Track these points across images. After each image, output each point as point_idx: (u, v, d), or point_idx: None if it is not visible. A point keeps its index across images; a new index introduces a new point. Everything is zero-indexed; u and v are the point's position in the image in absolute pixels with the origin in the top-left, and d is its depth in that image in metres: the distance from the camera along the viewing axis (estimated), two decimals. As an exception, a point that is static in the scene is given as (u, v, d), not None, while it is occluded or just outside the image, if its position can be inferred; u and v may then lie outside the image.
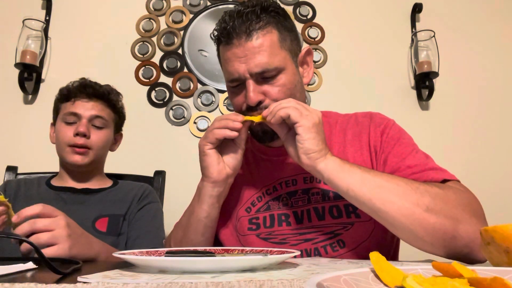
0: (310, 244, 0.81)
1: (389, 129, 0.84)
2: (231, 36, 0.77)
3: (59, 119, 1.10)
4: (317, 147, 0.69)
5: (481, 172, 1.81)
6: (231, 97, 0.85)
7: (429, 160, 0.79)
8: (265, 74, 0.77)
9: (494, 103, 1.92)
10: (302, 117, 0.69)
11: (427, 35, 1.88)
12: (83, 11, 1.90)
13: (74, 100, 1.08)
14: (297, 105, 0.71)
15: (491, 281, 0.31)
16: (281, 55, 0.79)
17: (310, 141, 0.69)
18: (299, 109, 0.70)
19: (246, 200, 0.89)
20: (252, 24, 0.77)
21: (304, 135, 0.69)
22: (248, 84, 0.77)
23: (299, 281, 0.42)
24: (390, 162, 0.79)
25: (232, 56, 0.78)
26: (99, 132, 1.09)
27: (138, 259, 0.52)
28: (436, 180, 0.72)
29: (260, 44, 0.77)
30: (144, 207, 1.11)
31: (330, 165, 0.69)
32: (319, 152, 0.70)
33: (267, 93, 0.78)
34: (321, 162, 0.70)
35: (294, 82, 0.81)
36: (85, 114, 1.07)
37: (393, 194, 0.65)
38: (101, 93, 1.11)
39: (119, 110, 1.17)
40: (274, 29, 0.79)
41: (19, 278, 0.46)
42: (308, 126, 0.69)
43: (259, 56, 0.76)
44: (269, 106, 0.75)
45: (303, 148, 0.70)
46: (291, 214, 0.83)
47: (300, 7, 1.96)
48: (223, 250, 0.67)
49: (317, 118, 0.71)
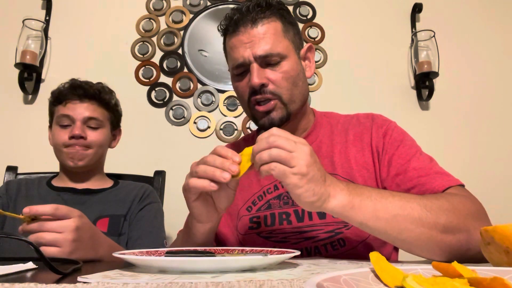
0: (311, 243, 0.81)
1: (391, 130, 0.85)
2: (238, 24, 0.82)
3: (54, 122, 1.09)
4: (315, 196, 0.60)
5: (481, 172, 1.81)
6: (235, 85, 0.87)
7: (433, 163, 0.79)
8: (269, 59, 0.80)
9: (494, 103, 1.92)
10: (286, 175, 0.58)
11: (427, 35, 1.88)
12: (83, 11, 1.90)
13: (66, 103, 1.07)
14: (278, 155, 0.58)
15: (491, 281, 0.31)
16: (284, 43, 0.83)
17: (303, 196, 0.59)
18: (282, 160, 0.58)
19: (247, 199, 0.89)
20: (257, 14, 0.82)
21: (295, 193, 0.60)
22: (252, 67, 0.80)
23: (299, 281, 0.42)
24: (395, 164, 0.80)
25: (237, 43, 0.82)
26: (94, 133, 1.08)
27: (138, 259, 0.52)
28: (441, 186, 0.73)
29: (265, 31, 0.81)
30: (145, 207, 1.11)
31: (339, 206, 0.62)
32: (319, 200, 0.60)
33: (271, 78, 0.81)
34: (327, 206, 0.62)
35: (297, 71, 0.84)
36: (78, 117, 1.06)
37: (409, 222, 0.62)
38: (91, 93, 1.09)
39: (113, 108, 1.16)
40: (278, 20, 0.84)
41: (19, 278, 0.46)
42: (295, 183, 0.58)
43: (263, 41, 0.80)
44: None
45: (301, 203, 0.61)
46: (292, 213, 0.84)
47: (300, 7, 1.97)
48: (223, 250, 0.67)
49: (304, 164, 0.58)
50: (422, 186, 0.75)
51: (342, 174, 0.84)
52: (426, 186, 0.74)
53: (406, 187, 0.77)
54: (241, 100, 0.87)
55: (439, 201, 0.66)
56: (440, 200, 0.66)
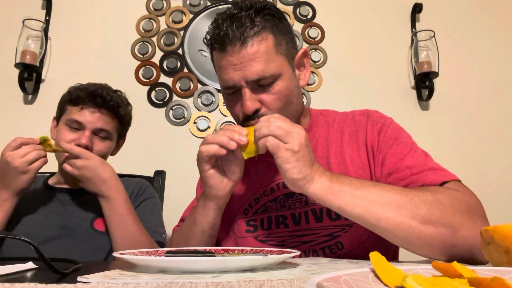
0: (308, 246, 0.80)
1: (386, 127, 0.83)
2: (225, 43, 0.75)
3: (63, 122, 1.06)
4: (300, 174, 0.65)
5: (481, 172, 1.82)
6: (228, 105, 0.84)
7: (428, 159, 0.77)
8: (261, 81, 0.76)
9: (494, 103, 1.92)
10: (279, 148, 0.64)
11: (427, 35, 1.88)
12: (83, 11, 1.90)
13: (81, 107, 1.04)
14: (276, 130, 0.65)
15: (491, 281, 0.31)
16: (277, 61, 0.77)
17: (290, 172, 0.65)
18: (278, 135, 0.65)
19: (243, 201, 0.88)
20: (246, 30, 0.74)
21: (283, 167, 0.65)
22: (244, 92, 0.76)
23: (299, 281, 0.42)
24: (388, 163, 0.78)
25: (226, 64, 0.76)
26: (101, 143, 1.06)
27: (138, 259, 0.52)
28: (435, 182, 0.71)
29: (255, 51, 0.74)
30: (141, 203, 1.10)
31: (319, 189, 0.65)
32: (304, 179, 0.65)
33: (263, 101, 0.77)
34: (308, 188, 0.66)
35: (291, 88, 0.80)
36: (89, 126, 1.03)
37: (387, 209, 0.63)
38: (110, 106, 1.06)
39: (125, 122, 1.14)
40: (269, 34, 0.77)
41: (19, 278, 0.47)
42: (286, 157, 0.64)
43: (254, 64, 0.74)
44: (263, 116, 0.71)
45: (286, 178, 0.66)
46: (289, 216, 0.83)
47: (300, 7, 1.97)
48: (223, 250, 0.67)
49: (297, 143, 0.65)
50: (415, 183, 0.73)
51: None
52: (419, 183, 0.72)
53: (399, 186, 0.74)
54: (235, 119, 0.84)
55: (423, 193, 0.66)
56: (424, 193, 0.66)
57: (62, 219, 1.01)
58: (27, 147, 0.92)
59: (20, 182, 0.91)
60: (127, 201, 1.00)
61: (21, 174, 0.90)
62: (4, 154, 0.91)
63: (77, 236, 0.99)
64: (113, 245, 0.97)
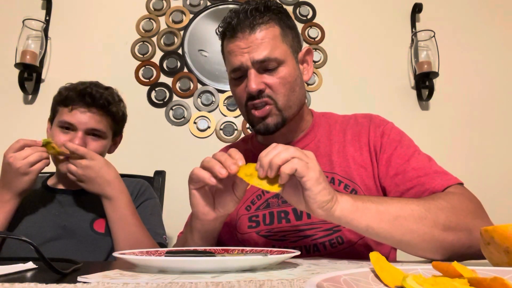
0: (310, 241, 0.82)
1: (389, 130, 0.85)
2: (236, 30, 0.81)
3: (55, 124, 1.06)
4: (329, 195, 0.61)
5: (481, 172, 1.81)
6: (233, 89, 0.87)
7: (432, 162, 0.80)
8: (266, 64, 0.80)
9: (494, 103, 1.92)
10: (309, 169, 0.59)
11: (427, 35, 1.88)
12: (83, 11, 1.90)
13: (71, 108, 1.03)
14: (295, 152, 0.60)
15: (491, 281, 0.31)
16: (282, 48, 0.82)
17: (322, 194, 0.60)
18: (303, 159, 0.60)
19: (246, 198, 0.89)
20: (255, 19, 0.81)
21: (314, 189, 0.60)
22: (250, 73, 0.80)
23: (299, 281, 0.42)
24: (394, 164, 0.80)
25: (235, 48, 0.82)
26: (95, 143, 1.04)
27: (138, 259, 0.52)
28: (441, 186, 0.73)
29: (263, 36, 0.81)
30: (141, 205, 1.10)
31: (345, 209, 0.62)
32: (331, 200, 0.62)
33: (268, 83, 0.81)
34: (336, 210, 0.62)
35: (294, 76, 0.84)
36: (81, 126, 1.02)
37: (411, 222, 0.63)
38: (100, 104, 1.04)
39: (118, 119, 1.12)
40: (277, 25, 0.83)
41: (19, 278, 0.46)
42: (317, 178, 0.60)
43: (261, 47, 0.80)
44: (261, 160, 0.61)
45: (317, 202, 0.61)
46: (290, 211, 0.84)
47: (300, 7, 1.97)
48: (223, 250, 0.67)
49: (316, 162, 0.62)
50: (422, 186, 0.75)
51: (341, 173, 0.84)
52: (426, 186, 0.74)
53: (405, 187, 0.77)
54: (239, 104, 0.87)
55: (437, 201, 0.67)
56: (438, 200, 0.67)
57: (61, 220, 1.01)
58: (29, 149, 0.92)
59: (22, 183, 0.92)
60: (130, 202, 1.00)
61: (22, 175, 0.91)
62: (6, 155, 0.91)
63: (76, 237, 0.99)
64: (115, 246, 0.97)
